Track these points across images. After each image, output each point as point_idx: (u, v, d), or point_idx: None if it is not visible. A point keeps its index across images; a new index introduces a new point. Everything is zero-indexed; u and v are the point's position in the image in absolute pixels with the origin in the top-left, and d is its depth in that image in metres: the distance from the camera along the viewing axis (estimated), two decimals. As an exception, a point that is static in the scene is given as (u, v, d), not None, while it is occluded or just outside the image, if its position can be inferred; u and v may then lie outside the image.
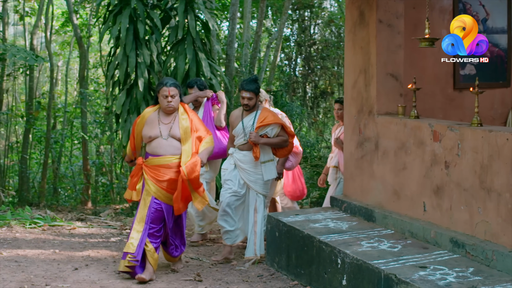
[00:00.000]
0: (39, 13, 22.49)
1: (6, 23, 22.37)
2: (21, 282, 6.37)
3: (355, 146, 7.26)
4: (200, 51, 11.49)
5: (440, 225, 5.87)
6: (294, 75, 19.42)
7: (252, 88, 7.31)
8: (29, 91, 22.17)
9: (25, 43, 24.22)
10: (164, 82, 6.62)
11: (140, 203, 6.61)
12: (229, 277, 6.85)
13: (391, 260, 5.39)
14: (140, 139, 6.79)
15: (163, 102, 6.61)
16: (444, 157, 5.78)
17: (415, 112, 6.39)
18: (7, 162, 23.51)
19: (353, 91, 7.28)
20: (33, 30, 22.69)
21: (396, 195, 6.52)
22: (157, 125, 6.63)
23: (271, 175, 7.48)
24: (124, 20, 11.08)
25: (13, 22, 26.63)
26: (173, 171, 6.56)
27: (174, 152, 6.59)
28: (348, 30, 7.38)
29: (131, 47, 11.21)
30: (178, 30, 11.35)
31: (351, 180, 7.38)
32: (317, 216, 7.19)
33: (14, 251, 7.74)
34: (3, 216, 9.57)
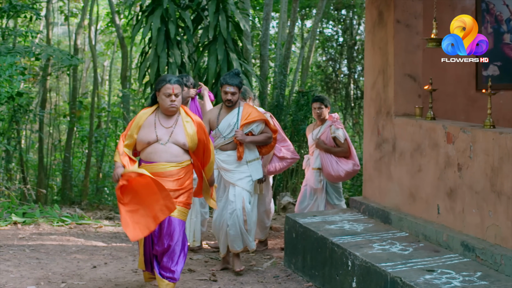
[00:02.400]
0: (83, 13, 22.81)
1: (50, 24, 22.69)
2: (38, 279, 6.48)
3: (373, 147, 7.20)
4: (231, 52, 11.52)
5: (453, 228, 5.78)
6: (336, 75, 19.34)
7: (236, 83, 6.83)
8: (73, 91, 22.50)
9: (69, 43, 24.58)
10: (167, 78, 5.72)
11: None
12: (245, 277, 6.86)
13: (400, 263, 5.33)
14: (133, 144, 5.82)
15: (166, 101, 5.67)
16: (457, 159, 5.69)
17: (431, 113, 6.30)
18: (53, 161, 23.91)
19: (372, 92, 7.22)
20: (77, 30, 23.02)
21: (412, 197, 6.44)
22: (154, 128, 5.73)
23: (258, 174, 7.04)
24: (156, 20, 11.19)
25: (60, 23, 27.05)
26: (167, 181, 5.67)
27: (169, 159, 5.71)
28: (368, 31, 7.32)
29: (162, 47, 11.30)
30: (209, 31, 11.39)
31: (370, 182, 7.32)
32: (334, 217, 7.15)
33: (37, 248, 7.86)
34: (31, 214, 9.73)
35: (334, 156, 8.03)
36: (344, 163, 8.01)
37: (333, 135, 8.03)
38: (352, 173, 8.09)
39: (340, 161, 8.02)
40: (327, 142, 8.03)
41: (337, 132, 8.02)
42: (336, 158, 8.02)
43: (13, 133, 16.94)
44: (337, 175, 7.98)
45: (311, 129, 8.44)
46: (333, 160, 8.00)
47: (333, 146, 8.04)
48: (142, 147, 5.77)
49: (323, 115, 8.18)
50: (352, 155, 8.09)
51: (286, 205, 11.00)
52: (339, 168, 7.96)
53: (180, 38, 11.63)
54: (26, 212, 9.82)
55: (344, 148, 8.02)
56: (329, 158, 8.00)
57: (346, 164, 8.01)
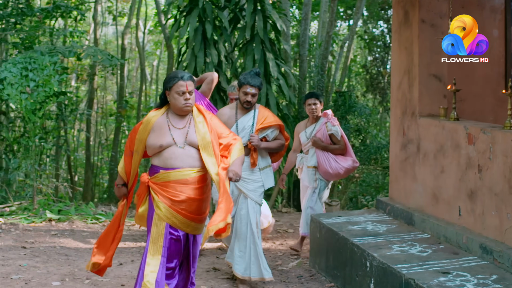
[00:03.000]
0: (131, 13, 23.09)
1: (98, 24, 23.03)
2: (64, 275, 6.61)
3: (399, 148, 7.16)
4: (268, 52, 11.54)
5: (473, 230, 5.71)
6: (382, 76, 19.21)
7: (257, 83, 6.31)
8: (120, 90, 22.80)
9: (117, 43, 24.92)
10: (179, 75, 5.13)
11: (152, 230, 5.03)
12: (268, 277, 6.86)
13: (416, 264, 5.29)
14: (142, 151, 5.20)
15: (179, 100, 5.09)
16: (477, 160, 5.62)
17: (454, 114, 6.23)
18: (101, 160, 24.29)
19: (398, 92, 7.17)
20: (124, 30, 23.32)
21: (435, 198, 6.38)
22: (168, 131, 5.10)
23: (270, 182, 6.58)
24: (193, 20, 11.28)
25: (110, 23, 27.43)
26: (192, 188, 5.05)
27: (193, 164, 5.07)
28: (394, 30, 7.27)
29: (199, 47, 11.38)
30: (246, 31, 11.44)
31: (396, 183, 7.28)
32: (359, 218, 7.13)
33: (68, 245, 8.02)
34: (66, 211, 9.92)
35: (332, 153, 7.87)
36: (342, 160, 7.87)
37: (330, 132, 7.84)
38: (352, 170, 7.94)
39: (338, 159, 7.87)
40: (323, 139, 7.86)
41: (333, 129, 7.83)
42: (334, 156, 7.86)
43: (59, 132, 17.23)
44: (335, 172, 7.83)
45: (302, 127, 8.19)
46: (330, 158, 7.84)
47: (330, 143, 7.88)
48: (153, 152, 5.11)
49: (318, 111, 7.99)
50: (348, 151, 7.94)
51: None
52: (338, 166, 7.81)
53: (217, 38, 11.69)
54: (61, 210, 10.00)
55: (341, 145, 7.88)
56: (326, 156, 7.83)
57: (345, 161, 7.86)
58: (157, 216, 5.00)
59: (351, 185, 13.52)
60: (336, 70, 16.24)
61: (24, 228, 8.80)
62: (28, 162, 10.53)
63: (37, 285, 6.23)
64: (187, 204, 5.03)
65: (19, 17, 13.78)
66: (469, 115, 6.91)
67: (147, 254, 4.99)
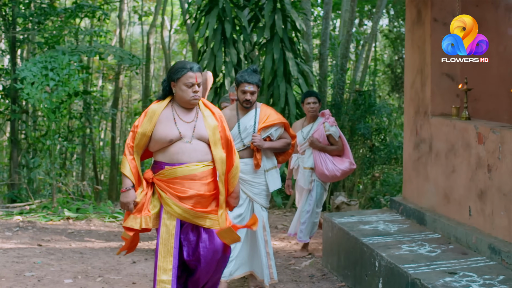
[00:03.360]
0: (156, 13, 23.21)
1: (122, 23, 23.18)
2: (77, 273, 6.67)
3: (412, 147, 7.12)
4: (287, 51, 11.54)
5: (483, 231, 5.66)
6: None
7: (256, 80, 5.98)
8: (145, 89, 22.94)
9: (143, 42, 25.06)
10: (188, 66, 4.81)
11: (161, 231, 4.76)
12: (281, 276, 6.88)
13: (423, 265, 5.26)
14: (144, 146, 4.84)
15: (187, 93, 4.79)
16: (487, 160, 5.58)
17: (466, 113, 6.18)
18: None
19: (411, 91, 7.13)
20: (149, 30, 23.44)
21: (446, 198, 6.34)
22: (174, 124, 4.80)
23: (276, 184, 6.24)
24: (212, 20, 11.32)
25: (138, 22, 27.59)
26: (200, 184, 4.79)
27: (201, 158, 4.81)
28: (408, 29, 7.24)
29: (218, 46, 11.42)
30: (265, 30, 11.45)
31: (409, 182, 7.24)
32: (371, 217, 7.10)
33: (83, 243, 8.09)
34: (84, 210, 10.01)
35: (329, 154, 7.70)
36: (339, 162, 7.69)
37: (328, 133, 7.66)
38: (348, 172, 7.75)
39: (335, 160, 7.69)
40: (321, 140, 7.67)
41: (331, 129, 7.66)
42: (331, 157, 7.69)
43: (85, 131, 17.38)
44: (332, 175, 7.65)
45: (299, 127, 7.98)
46: (327, 159, 7.66)
47: (327, 144, 7.70)
48: (160, 147, 4.80)
49: (317, 111, 7.80)
50: (346, 153, 7.77)
51: (339, 205, 10.93)
52: (335, 168, 7.63)
53: (236, 37, 11.71)
54: (80, 208, 10.09)
55: (339, 146, 7.71)
56: (323, 157, 7.65)
57: (342, 163, 7.68)
58: (167, 215, 4.75)
59: (372, 185, 13.49)
60: (357, 69, 16.17)
61: (41, 226, 8.90)
62: (47, 161, 10.62)
63: (49, 283, 6.30)
64: (196, 200, 4.76)
65: (42, 17, 13.92)
66: (483, 115, 6.85)
67: (157, 256, 4.75)
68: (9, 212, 9.92)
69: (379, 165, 12.76)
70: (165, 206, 4.76)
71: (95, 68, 23.29)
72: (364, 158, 12.51)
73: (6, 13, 14.17)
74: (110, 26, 25.91)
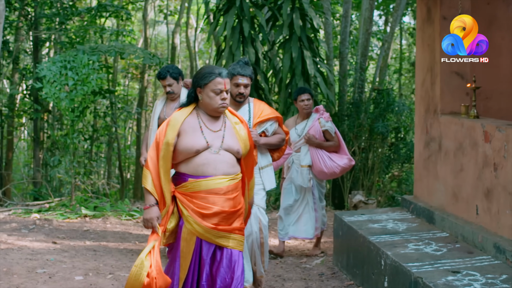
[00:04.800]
0: (181, 12, 23.30)
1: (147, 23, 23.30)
2: (88, 270, 6.75)
3: (423, 146, 7.10)
4: (305, 49, 11.53)
5: (489, 230, 5.63)
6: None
7: (249, 73, 5.67)
8: (169, 88, 22.99)
9: (168, 42, 25.16)
10: (217, 71, 4.47)
11: (181, 247, 4.41)
12: (290, 274, 6.91)
13: (427, 263, 5.25)
14: (169, 157, 4.42)
15: (215, 100, 4.44)
16: (493, 158, 5.55)
17: (474, 111, 6.15)
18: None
19: (422, 89, 7.11)
20: (174, 29, 23.52)
21: (455, 197, 6.32)
22: (201, 133, 4.44)
23: (271, 183, 6.00)
24: (230, 19, 11.35)
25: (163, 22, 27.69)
26: (224, 199, 4.41)
27: (227, 171, 4.44)
28: (418, 28, 7.22)
29: (236, 45, 11.44)
30: (283, 29, 11.46)
31: (420, 181, 7.22)
32: (381, 216, 7.09)
33: (98, 241, 8.18)
34: (101, 208, 10.11)
35: (326, 151, 7.58)
36: (337, 158, 7.56)
37: (324, 129, 7.55)
38: (347, 168, 7.66)
39: (333, 157, 7.56)
40: (317, 136, 7.56)
41: (327, 124, 7.54)
42: (329, 154, 7.56)
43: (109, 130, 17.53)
44: (331, 172, 7.55)
45: (292, 124, 7.83)
46: (325, 156, 7.54)
47: (323, 141, 7.59)
48: (184, 157, 4.42)
49: (311, 107, 7.69)
50: (342, 149, 7.66)
51: (357, 203, 10.91)
52: (333, 164, 7.51)
53: (254, 36, 11.74)
54: (97, 206, 10.19)
55: (335, 142, 7.60)
56: (321, 154, 7.53)
57: (340, 159, 7.56)
58: (187, 231, 4.37)
59: (391, 184, 13.44)
60: (377, 68, 16.12)
61: (57, 224, 9.01)
62: (66, 159, 10.74)
63: (60, 279, 6.38)
64: (219, 218, 4.39)
65: (64, 17, 14.07)
66: (494, 113, 6.81)
67: (177, 275, 4.38)
68: (28, 210, 10.06)
69: (399, 163, 12.70)
70: (186, 223, 4.37)
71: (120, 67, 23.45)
72: (383, 156, 12.46)
73: (29, 13, 14.35)
74: (138, 25, 26.07)
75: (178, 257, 4.40)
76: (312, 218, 7.72)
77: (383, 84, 14.59)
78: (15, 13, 14.53)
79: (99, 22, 17.59)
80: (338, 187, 12.71)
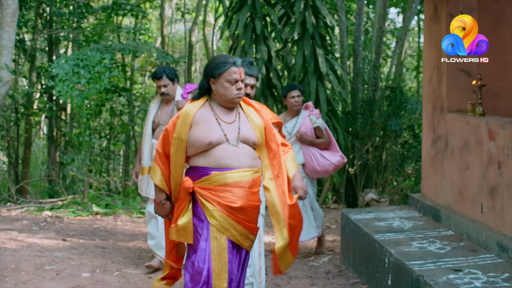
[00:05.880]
0: (198, 10, 23.33)
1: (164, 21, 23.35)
2: (95, 267, 6.80)
3: (430, 144, 7.08)
4: (318, 47, 11.51)
5: (493, 228, 5.61)
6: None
7: (256, 73, 5.46)
8: (188, 86, 23.05)
9: (185, 41, 25.21)
10: (231, 60, 4.25)
11: (212, 246, 4.14)
12: (297, 272, 6.91)
13: (430, 261, 5.24)
14: (183, 152, 4.23)
15: (230, 90, 4.22)
16: (497, 156, 5.52)
17: (480, 109, 6.12)
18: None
19: (429, 87, 7.09)
20: (191, 27, 23.56)
21: (461, 195, 6.29)
22: (217, 125, 4.24)
23: None
24: (242, 17, 11.36)
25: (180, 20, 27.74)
26: (250, 193, 4.24)
27: (251, 164, 4.27)
28: (426, 25, 7.19)
29: (249, 43, 11.45)
30: (296, 27, 11.45)
31: (427, 179, 7.20)
32: (388, 214, 7.07)
33: (107, 238, 8.23)
34: (113, 206, 10.16)
35: (317, 148, 7.42)
36: (330, 156, 7.41)
37: (315, 125, 7.38)
38: (340, 166, 7.50)
39: (325, 154, 7.41)
40: (309, 133, 7.39)
41: (318, 121, 7.38)
42: (320, 151, 7.40)
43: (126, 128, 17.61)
44: (324, 169, 7.39)
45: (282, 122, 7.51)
46: (317, 154, 7.39)
47: (315, 138, 7.44)
48: (196, 151, 4.22)
49: (300, 104, 7.50)
50: (333, 146, 7.50)
51: (369, 201, 10.89)
52: (326, 162, 7.36)
53: (267, 34, 11.74)
54: (109, 204, 10.25)
55: (326, 139, 7.45)
56: (313, 152, 7.38)
57: (332, 156, 7.41)
58: (215, 228, 4.13)
59: (405, 182, 13.38)
60: (391, 65, 16.06)
61: (68, 222, 9.07)
62: (78, 157, 10.82)
63: (67, 276, 6.44)
64: (246, 212, 4.21)
65: (78, 16, 14.16)
66: (502, 111, 6.77)
67: (211, 277, 4.10)
68: (40, 207, 10.13)
69: (412, 162, 12.64)
70: (210, 219, 4.13)
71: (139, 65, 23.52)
72: (396, 154, 12.42)
73: (44, 11, 14.45)
74: (156, 24, 26.15)
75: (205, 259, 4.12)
76: (310, 217, 7.63)
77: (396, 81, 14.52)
78: (31, 11, 14.64)
79: (116, 20, 17.68)
80: (351, 186, 12.68)
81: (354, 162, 12.59)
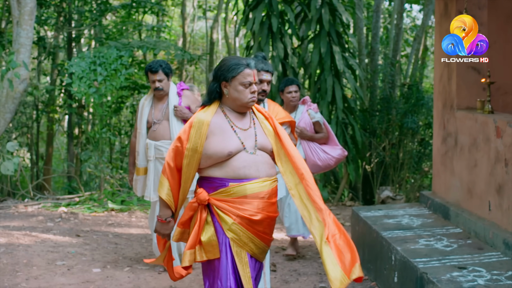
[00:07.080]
0: (219, 7, 23.38)
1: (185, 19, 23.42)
2: (107, 263, 6.88)
3: (440, 141, 7.06)
4: (334, 45, 11.50)
5: (500, 226, 5.59)
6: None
7: (271, 69, 5.28)
8: (208, 84, 23.13)
9: (206, 38, 25.27)
10: (245, 62, 3.98)
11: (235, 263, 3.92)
12: (306, 268, 6.93)
13: (435, 259, 5.24)
14: (196, 164, 3.95)
15: (244, 94, 3.97)
16: (504, 154, 5.50)
17: (489, 107, 6.09)
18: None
19: (440, 85, 7.07)
20: (213, 24, 23.62)
21: (470, 193, 6.27)
22: (233, 133, 3.97)
23: (281, 191, 5.69)
24: (258, 14, 11.38)
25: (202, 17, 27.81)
26: (269, 204, 4.00)
27: (269, 172, 4.02)
28: (436, 22, 7.17)
29: (265, 41, 11.47)
30: (312, 24, 11.45)
31: (437, 177, 7.18)
32: (398, 211, 7.07)
33: (121, 234, 8.30)
34: (128, 202, 10.24)
35: (317, 143, 7.28)
36: (330, 150, 7.27)
37: (314, 120, 7.22)
38: (341, 159, 7.35)
39: (326, 149, 7.27)
40: (308, 128, 7.24)
41: (316, 116, 7.23)
42: (320, 146, 7.27)
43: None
44: (325, 164, 7.24)
45: None
46: (317, 149, 7.24)
47: (314, 133, 7.30)
48: (213, 162, 3.94)
49: (298, 99, 7.35)
50: (332, 140, 7.37)
51: (385, 199, 10.86)
52: (327, 156, 7.21)
53: (284, 32, 11.75)
54: (124, 200, 10.33)
55: (325, 133, 7.31)
56: (313, 147, 7.23)
57: (333, 150, 7.26)
58: (234, 243, 3.91)
59: (422, 179, 13.31)
60: (409, 63, 15.99)
61: (83, 218, 9.16)
62: (95, 154, 10.91)
63: (78, 271, 6.52)
64: (264, 224, 3.99)
65: (97, 14, 14.27)
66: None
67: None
68: (57, 203, 10.25)
69: (429, 159, 12.57)
70: (228, 233, 3.90)
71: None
72: (413, 152, 12.36)
73: (64, 9, 14.57)
74: (178, 21, 26.22)
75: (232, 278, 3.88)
76: None
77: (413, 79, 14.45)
78: (51, 9, 14.76)
79: (137, 18, 17.75)
80: (368, 183, 12.65)
81: (371, 160, 12.55)
